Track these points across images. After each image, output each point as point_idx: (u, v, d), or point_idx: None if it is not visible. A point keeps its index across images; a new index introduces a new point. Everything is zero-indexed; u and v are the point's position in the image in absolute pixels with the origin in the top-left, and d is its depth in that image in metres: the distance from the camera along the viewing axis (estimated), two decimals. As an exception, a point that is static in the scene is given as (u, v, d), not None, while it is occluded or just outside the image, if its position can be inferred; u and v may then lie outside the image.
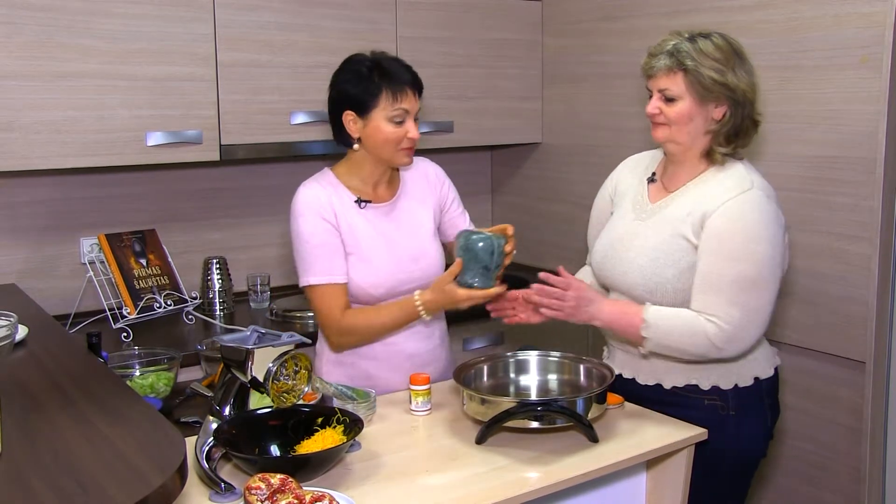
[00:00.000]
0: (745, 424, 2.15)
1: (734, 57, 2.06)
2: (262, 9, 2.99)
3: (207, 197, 3.35)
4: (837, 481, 2.76)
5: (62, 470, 1.35)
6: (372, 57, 2.27)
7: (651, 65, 2.10)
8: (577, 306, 2.10)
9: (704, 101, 2.06)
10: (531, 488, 1.77)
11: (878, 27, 2.51)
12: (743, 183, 2.06)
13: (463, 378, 2.09)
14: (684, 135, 2.10)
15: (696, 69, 2.03)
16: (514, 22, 3.59)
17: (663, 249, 2.11)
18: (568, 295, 2.10)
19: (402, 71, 2.25)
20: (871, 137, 2.56)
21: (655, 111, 2.10)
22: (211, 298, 3.19)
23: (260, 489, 1.61)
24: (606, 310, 2.11)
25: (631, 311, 2.09)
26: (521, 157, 3.87)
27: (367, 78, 2.23)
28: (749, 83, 2.07)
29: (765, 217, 2.03)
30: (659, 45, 2.10)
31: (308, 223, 2.25)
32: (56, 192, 3.05)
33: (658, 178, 2.25)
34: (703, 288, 2.03)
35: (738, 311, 2.00)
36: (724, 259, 2.01)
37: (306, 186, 2.31)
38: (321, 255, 2.24)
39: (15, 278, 2.96)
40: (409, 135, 2.24)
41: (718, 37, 2.08)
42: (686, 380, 2.16)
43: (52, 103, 2.66)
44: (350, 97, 2.25)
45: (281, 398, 1.87)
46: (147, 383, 2.39)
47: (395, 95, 2.22)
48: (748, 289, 2.00)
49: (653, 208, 2.19)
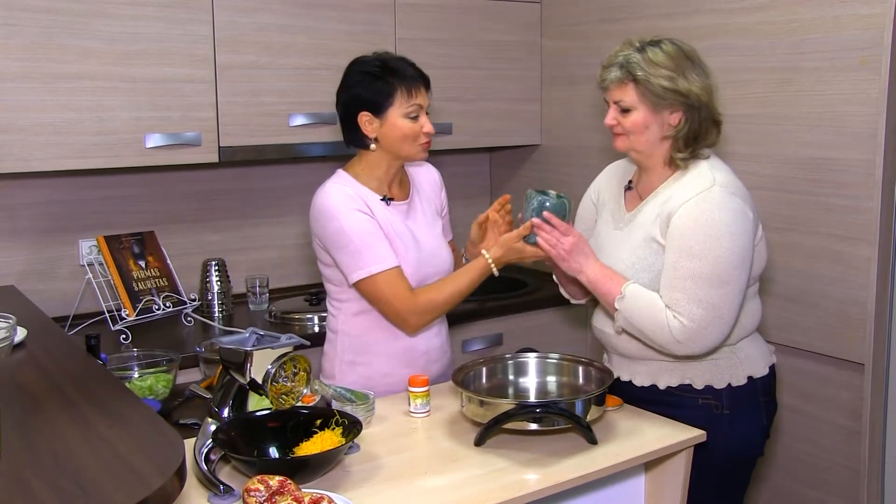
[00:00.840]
0: (739, 423, 2.16)
1: (685, 62, 2.09)
2: (262, 11, 2.99)
3: (206, 199, 3.35)
4: (836, 483, 2.76)
5: (61, 471, 1.35)
6: (378, 57, 2.32)
7: (603, 77, 2.14)
8: (571, 251, 2.14)
9: (658, 108, 2.09)
10: (530, 490, 1.77)
11: (877, 29, 2.51)
12: (704, 182, 2.09)
13: (462, 380, 2.09)
14: (642, 143, 2.14)
15: (647, 79, 2.07)
16: (512, 24, 3.59)
17: (638, 255, 2.14)
18: (567, 238, 2.14)
19: (409, 68, 2.30)
20: (870, 139, 2.56)
21: (613, 122, 2.15)
22: (210, 300, 3.19)
23: (259, 491, 1.61)
24: (595, 268, 2.14)
25: (615, 279, 2.12)
26: (520, 158, 3.87)
27: (379, 78, 2.27)
28: (702, 86, 2.10)
29: (725, 215, 2.04)
30: (610, 57, 2.14)
31: (349, 218, 2.25)
32: (55, 193, 3.05)
33: (634, 186, 2.28)
34: (667, 284, 2.06)
35: (700, 308, 2.02)
36: (685, 256, 2.03)
37: (331, 187, 2.32)
38: (372, 244, 2.25)
39: (14, 280, 2.96)
40: (424, 129, 2.30)
41: (668, 43, 2.11)
42: (680, 379, 2.17)
43: (52, 105, 2.66)
44: (364, 98, 2.28)
45: (280, 400, 1.87)
46: (146, 385, 2.39)
47: (409, 92, 2.27)
48: (706, 285, 2.02)
49: (628, 216, 2.23)
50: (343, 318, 2.40)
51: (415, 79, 2.29)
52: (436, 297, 2.28)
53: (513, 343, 3.28)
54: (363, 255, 2.24)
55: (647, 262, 2.12)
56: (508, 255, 2.27)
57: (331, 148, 3.19)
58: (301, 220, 2.63)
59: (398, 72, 2.28)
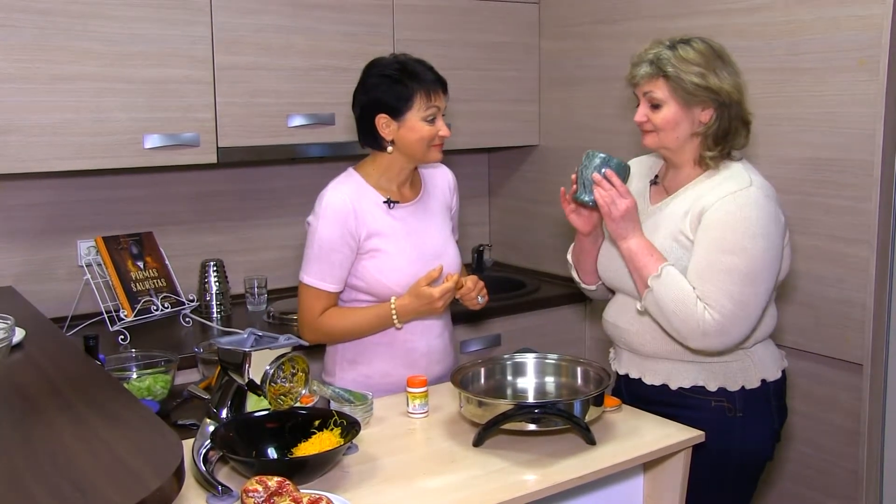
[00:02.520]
0: (751, 426, 2.16)
1: (715, 59, 2.09)
2: (260, 12, 2.99)
3: (205, 200, 3.35)
4: (835, 484, 2.76)
5: (59, 473, 1.35)
6: (397, 59, 2.32)
7: (633, 73, 2.14)
8: (624, 214, 2.08)
9: (689, 105, 2.09)
10: (528, 491, 1.77)
11: (875, 30, 2.52)
12: (741, 181, 2.08)
13: (460, 380, 2.09)
14: (672, 140, 2.13)
15: (678, 75, 2.06)
16: (511, 25, 3.59)
17: (662, 248, 2.12)
18: (623, 200, 2.08)
19: (428, 72, 2.31)
20: (869, 140, 2.56)
21: (643, 119, 2.14)
22: (208, 301, 3.19)
23: (257, 492, 1.61)
24: (640, 239, 2.11)
25: (655, 255, 2.09)
26: (519, 159, 3.88)
27: (398, 81, 2.27)
28: (733, 84, 2.09)
29: (762, 214, 2.03)
30: (640, 54, 2.14)
31: (327, 228, 2.29)
32: (53, 194, 3.05)
33: (660, 180, 2.27)
34: (698, 275, 2.04)
35: (731, 303, 2.01)
36: (720, 250, 2.02)
37: (335, 189, 2.34)
38: (325, 261, 2.30)
39: (12, 281, 2.96)
40: (440, 132, 2.32)
41: (699, 41, 2.11)
42: (693, 381, 2.16)
43: (50, 106, 2.66)
44: (383, 102, 2.28)
45: (278, 401, 1.86)
46: (144, 386, 2.39)
47: (428, 96, 2.28)
48: (740, 281, 2.01)
49: (652, 210, 2.21)
50: None
51: (433, 82, 2.30)
52: (335, 324, 2.34)
53: (511, 344, 3.28)
54: (312, 263, 2.32)
55: (673, 256, 2.10)
56: (416, 303, 2.27)
57: (329, 149, 3.19)
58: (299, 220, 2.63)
59: (417, 75, 2.28)
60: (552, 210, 3.70)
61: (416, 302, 2.26)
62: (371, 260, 2.33)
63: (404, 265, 2.33)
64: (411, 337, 2.39)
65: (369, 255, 2.33)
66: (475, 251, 3.86)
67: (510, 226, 3.97)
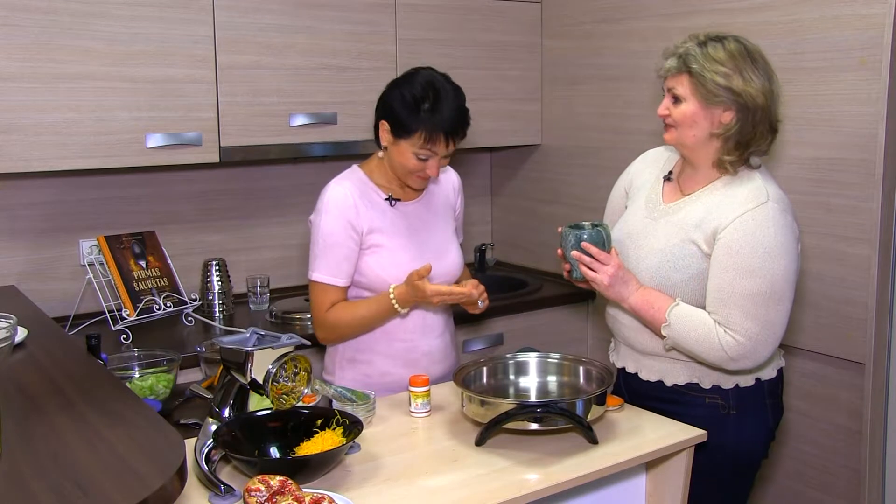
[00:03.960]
0: (745, 424, 2.16)
1: (744, 61, 2.04)
2: (262, 11, 2.99)
3: (207, 199, 3.35)
4: (837, 483, 2.76)
5: (62, 472, 1.35)
6: (429, 80, 2.27)
7: (661, 66, 2.13)
8: (614, 278, 2.11)
9: (709, 104, 2.05)
10: (531, 490, 1.77)
11: (877, 29, 2.51)
12: (759, 195, 2.05)
13: (462, 379, 2.09)
14: (690, 137, 2.10)
15: (701, 72, 2.03)
16: (513, 24, 3.59)
17: (673, 253, 2.11)
18: (607, 267, 2.11)
19: (451, 116, 2.24)
20: (871, 139, 2.56)
21: (665, 112, 2.12)
22: (210, 300, 3.19)
23: (259, 491, 1.61)
24: (637, 296, 2.12)
25: (657, 304, 2.09)
26: (521, 158, 3.88)
27: (412, 107, 2.23)
28: (761, 87, 2.03)
29: (780, 231, 2.02)
30: (672, 47, 2.12)
31: (329, 222, 2.30)
32: (55, 193, 3.05)
33: (674, 177, 2.25)
34: (720, 302, 2.03)
35: (755, 325, 2.01)
36: (740, 274, 2.01)
37: (337, 184, 2.35)
38: (329, 255, 2.31)
39: (14, 280, 2.96)
40: (427, 171, 2.29)
41: (732, 41, 2.07)
42: (688, 378, 2.17)
43: (52, 105, 2.66)
44: (390, 113, 2.28)
45: (280, 400, 1.87)
46: (146, 385, 2.39)
47: (430, 139, 2.24)
48: (764, 303, 2.00)
49: (664, 209, 2.20)
50: None
51: (444, 130, 2.23)
52: (341, 318, 2.33)
53: (513, 343, 3.29)
54: (318, 259, 2.32)
55: (682, 262, 2.10)
56: (411, 293, 2.24)
57: (331, 148, 3.19)
58: (301, 219, 2.63)
59: (435, 113, 2.22)
60: (554, 209, 3.70)
61: (411, 291, 2.25)
62: (372, 255, 2.34)
63: (405, 261, 2.33)
64: (411, 336, 2.40)
65: (370, 250, 2.34)
66: (477, 250, 3.86)
67: (512, 225, 3.97)
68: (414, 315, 2.39)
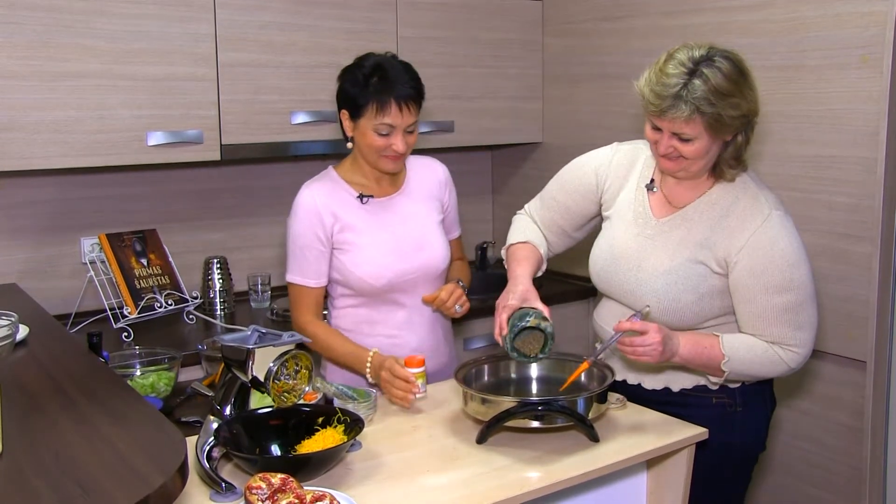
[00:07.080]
0: (749, 418, 2.17)
1: (741, 79, 1.96)
2: (263, 9, 2.99)
3: (208, 197, 3.35)
4: (838, 481, 2.76)
5: (63, 470, 1.35)
6: (376, 61, 2.27)
7: (661, 107, 1.94)
8: (663, 347, 1.97)
9: (720, 134, 1.98)
10: (532, 488, 1.77)
11: (878, 27, 2.51)
12: (760, 208, 2.04)
13: (463, 377, 2.09)
14: (700, 168, 2.05)
15: (717, 112, 1.91)
16: (514, 22, 3.59)
17: (680, 274, 2.07)
18: (652, 339, 1.96)
19: (399, 83, 2.23)
20: (872, 137, 2.56)
21: (670, 150, 2.00)
22: (212, 298, 3.19)
23: (261, 489, 1.61)
24: (685, 348, 2.03)
25: (707, 343, 2.04)
26: (522, 156, 3.87)
27: (361, 84, 2.24)
28: (755, 99, 2.00)
29: (792, 238, 2.02)
30: (662, 82, 1.93)
31: (299, 225, 2.34)
32: (57, 192, 3.06)
33: (658, 187, 2.17)
34: (764, 324, 2.03)
35: (804, 332, 2.04)
36: (771, 293, 2.01)
37: (307, 188, 2.38)
38: (301, 257, 2.35)
39: (16, 278, 2.96)
40: (392, 147, 2.27)
41: (721, 60, 1.94)
42: (694, 382, 2.17)
43: (53, 103, 2.66)
44: (346, 98, 2.29)
45: (281, 398, 1.87)
46: (148, 383, 2.39)
47: (379, 109, 2.23)
48: (803, 310, 2.03)
49: (659, 225, 2.13)
50: (335, 313, 2.45)
51: (393, 97, 2.21)
52: (318, 338, 2.32)
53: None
54: (290, 261, 2.38)
55: (691, 282, 2.06)
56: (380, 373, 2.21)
57: (332, 146, 3.19)
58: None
59: (383, 84, 2.22)
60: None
61: (381, 372, 2.20)
62: (345, 254, 2.35)
63: (377, 257, 2.33)
64: (399, 332, 2.40)
65: (342, 249, 2.35)
66: (478, 248, 3.86)
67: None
68: (401, 311, 2.39)
